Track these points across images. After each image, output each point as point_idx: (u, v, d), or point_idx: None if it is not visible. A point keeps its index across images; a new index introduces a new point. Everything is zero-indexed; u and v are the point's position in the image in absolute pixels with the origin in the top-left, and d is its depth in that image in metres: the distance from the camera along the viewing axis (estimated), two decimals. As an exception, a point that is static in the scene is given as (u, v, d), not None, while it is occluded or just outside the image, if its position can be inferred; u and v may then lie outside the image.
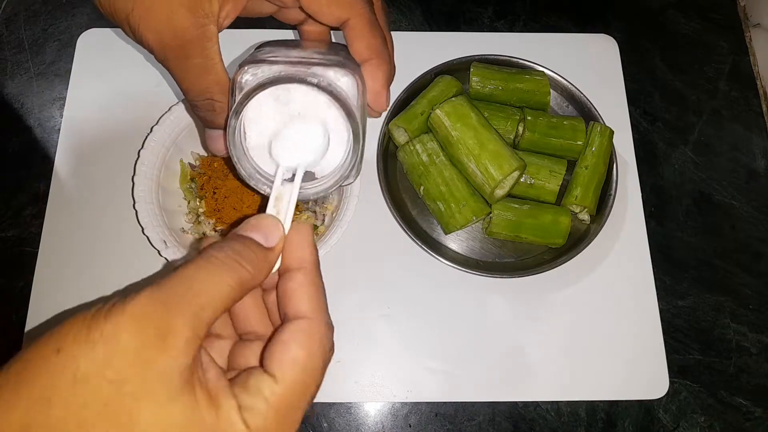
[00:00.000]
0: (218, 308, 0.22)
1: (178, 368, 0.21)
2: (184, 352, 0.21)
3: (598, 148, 0.55)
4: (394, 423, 0.50)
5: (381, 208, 0.55)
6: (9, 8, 0.64)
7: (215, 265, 0.23)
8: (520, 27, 0.66)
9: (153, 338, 0.20)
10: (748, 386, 0.53)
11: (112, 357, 0.20)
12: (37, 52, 0.62)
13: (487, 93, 0.57)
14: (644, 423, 0.51)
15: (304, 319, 0.25)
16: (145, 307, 0.21)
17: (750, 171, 0.61)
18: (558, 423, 0.51)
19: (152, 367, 0.20)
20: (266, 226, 0.26)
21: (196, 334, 0.21)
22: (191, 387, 0.21)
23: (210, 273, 0.23)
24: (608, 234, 0.56)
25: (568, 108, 0.60)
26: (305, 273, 0.26)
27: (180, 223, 0.52)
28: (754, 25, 0.67)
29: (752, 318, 0.55)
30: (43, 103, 0.60)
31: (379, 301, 0.53)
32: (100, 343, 0.20)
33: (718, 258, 0.57)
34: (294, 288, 0.25)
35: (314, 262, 0.26)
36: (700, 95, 0.64)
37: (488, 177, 0.51)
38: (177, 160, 0.53)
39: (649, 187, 0.59)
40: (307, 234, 0.27)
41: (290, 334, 0.24)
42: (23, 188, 0.56)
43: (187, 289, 0.22)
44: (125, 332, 0.20)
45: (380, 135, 0.56)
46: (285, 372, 0.23)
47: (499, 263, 0.55)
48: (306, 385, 0.23)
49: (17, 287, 0.53)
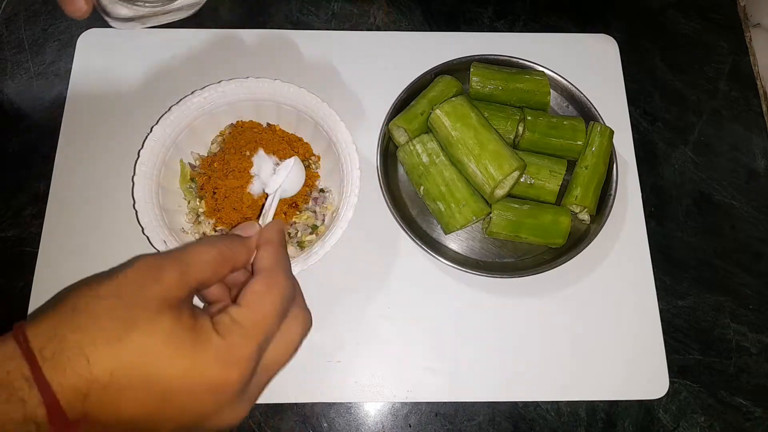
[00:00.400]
0: (203, 268, 0.31)
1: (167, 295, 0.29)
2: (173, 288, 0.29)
3: (598, 148, 0.55)
4: (394, 423, 0.50)
5: (381, 208, 0.55)
6: (9, 8, 0.64)
7: (202, 243, 0.33)
8: (520, 27, 0.66)
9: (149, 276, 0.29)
10: (748, 386, 0.53)
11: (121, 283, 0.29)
12: (37, 52, 0.62)
13: (487, 93, 0.57)
14: (644, 423, 0.51)
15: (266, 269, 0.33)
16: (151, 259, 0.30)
17: (750, 171, 0.61)
18: (558, 423, 0.51)
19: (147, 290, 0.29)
20: (245, 225, 0.37)
21: (184, 280, 0.30)
22: (178, 309, 0.29)
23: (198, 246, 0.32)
24: (608, 234, 0.56)
25: (568, 108, 0.60)
26: (271, 245, 0.35)
27: (180, 223, 0.52)
28: (754, 25, 0.67)
29: (752, 318, 0.55)
30: (43, 103, 0.60)
31: (379, 301, 0.53)
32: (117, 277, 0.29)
33: (718, 258, 0.57)
34: (261, 253, 0.35)
35: (280, 241, 0.36)
36: (700, 95, 0.64)
37: (488, 177, 0.51)
38: (177, 160, 0.53)
39: (649, 187, 0.59)
40: (277, 224, 0.37)
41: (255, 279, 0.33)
42: (23, 188, 0.56)
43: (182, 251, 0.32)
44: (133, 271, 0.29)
45: (380, 135, 0.56)
46: (248, 300, 0.31)
47: (499, 263, 0.55)
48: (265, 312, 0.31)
49: (17, 287, 0.53)
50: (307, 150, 0.55)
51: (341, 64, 0.62)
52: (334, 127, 0.52)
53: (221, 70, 0.59)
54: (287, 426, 0.50)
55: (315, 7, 0.65)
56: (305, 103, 0.53)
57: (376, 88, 0.60)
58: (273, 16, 0.65)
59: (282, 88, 0.53)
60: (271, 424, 0.50)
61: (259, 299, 0.31)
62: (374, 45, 0.63)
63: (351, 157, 0.51)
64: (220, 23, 0.64)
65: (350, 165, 0.51)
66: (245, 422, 0.50)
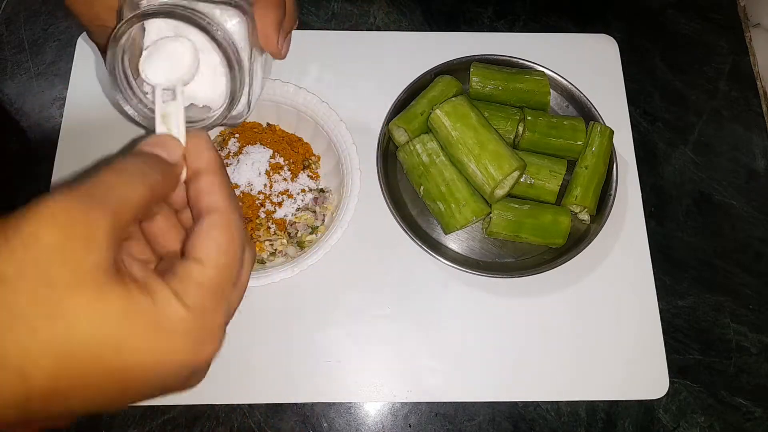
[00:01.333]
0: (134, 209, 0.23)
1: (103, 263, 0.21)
2: (106, 248, 0.21)
3: (598, 148, 0.55)
4: (394, 423, 0.50)
5: (381, 208, 0.55)
6: (9, 8, 0.64)
7: (128, 172, 0.24)
8: (520, 27, 0.66)
9: (75, 236, 0.20)
10: (748, 386, 0.53)
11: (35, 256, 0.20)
12: (37, 52, 0.62)
13: (487, 93, 0.57)
14: (644, 423, 0.51)
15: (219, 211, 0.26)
16: (64, 205, 0.21)
17: (750, 171, 0.61)
18: (558, 423, 0.51)
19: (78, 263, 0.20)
20: (164, 142, 0.27)
21: (116, 232, 0.22)
22: (121, 279, 0.22)
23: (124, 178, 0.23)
24: (608, 234, 0.56)
25: (568, 108, 0.60)
26: (211, 172, 0.27)
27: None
28: (754, 25, 0.67)
29: (752, 318, 0.55)
30: (43, 103, 0.60)
31: (379, 301, 0.53)
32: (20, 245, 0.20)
33: (718, 258, 0.57)
34: (202, 187, 0.26)
35: (217, 162, 0.27)
36: (700, 95, 0.64)
37: (488, 177, 0.51)
38: (177, 160, 0.53)
39: (649, 187, 0.59)
40: (204, 139, 0.28)
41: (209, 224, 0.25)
42: (23, 188, 0.56)
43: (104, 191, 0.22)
44: (46, 231, 0.20)
45: (380, 135, 0.56)
46: (210, 256, 0.24)
47: (499, 263, 0.55)
48: (230, 267, 0.25)
49: (17, 287, 0.53)
50: (307, 150, 0.55)
51: (341, 64, 0.62)
52: (334, 127, 0.52)
53: (221, 70, 0.59)
54: (287, 426, 0.50)
55: (315, 7, 0.65)
56: (305, 103, 0.53)
57: (376, 88, 0.60)
58: (273, 16, 0.65)
59: (282, 88, 0.53)
60: (271, 424, 0.50)
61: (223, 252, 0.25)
62: (374, 45, 0.63)
63: (351, 157, 0.51)
64: (220, 23, 0.64)
65: (350, 165, 0.51)
66: (245, 422, 0.50)
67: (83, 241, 0.20)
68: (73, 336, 0.20)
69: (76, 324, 0.20)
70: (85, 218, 0.21)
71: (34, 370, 0.20)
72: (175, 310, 0.22)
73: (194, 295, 0.23)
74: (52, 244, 0.20)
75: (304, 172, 0.54)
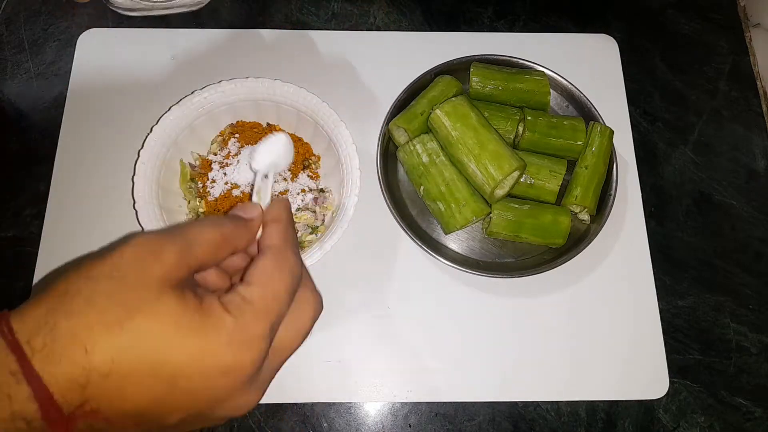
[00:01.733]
0: (203, 247, 0.29)
1: (168, 275, 0.26)
2: (174, 267, 0.27)
3: (598, 148, 0.55)
4: (394, 423, 0.50)
5: (381, 208, 0.55)
6: (9, 8, 0.64)
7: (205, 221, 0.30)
8: (520, 27, 0.66)
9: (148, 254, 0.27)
10: (748, 386, 0.53)
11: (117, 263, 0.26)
12: (37, 52, 0.62)
13: (487, 93, 0.57)
14: (644, 423, 0.51)
15: (274, 247, 0.31)
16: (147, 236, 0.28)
17: (750, 171, 0.61)
18: (558, 423, 0.51)
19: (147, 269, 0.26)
20: (243, 205, 0.34)
21: (184, 259, 0.27)
22: (181, 290, 0.27)
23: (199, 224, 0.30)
24: (608, 234, 0.56)
25: (568, 108, 0.60)
26: (277, 221, 0.33)
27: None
28: (754, 25, 0.67)
29: (752, 318, 0.55)
30: (43, 103, 0.60)
31: (379, 301, 0.53)
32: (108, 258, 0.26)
33: (718, 258, 0.57)
34: (267, 231, 0.32)
35: (283, 216, 0.33)
36: (700, 95, 0.64)
37: (488, 177, 0.51)
38: (177, 160, 0.53)
39: (649, 187, 0.59)
40: (281, 202, 0.34)
41: (262, 256, 0.31)
42: (23, 188, 0.56)
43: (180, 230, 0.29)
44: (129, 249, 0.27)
45: (380, 135, 0.56)
46: (256, 277, 0.29)
47: (499, 263, 0.55)
48: (276, 290, 0.29)
49: (17, 287, 0.53)
50: (307, 150, 0.55)
51: (341, 64, 0.62)
52: (334, 127, 0.52)
53: (221, 70, 0.59)
54: (287, 426, 0.50)
55: (315, 7, 0.65)
56: (305, 103, 0.53)
57: (376, 88, 0.60)
58: (273, 16, 0.65)
59: (282, 88, 0.53)
60: (271, 424, 0.50)
61: (270, 277, 0.29)
62: (374, 45, 0.63)
63: (351, 157, 0.51)
64: (220, 23, 0.64)
65: (350, 165, 0.51)
66: (245, 422, 0.50)
67: (153, 255, 0.27)
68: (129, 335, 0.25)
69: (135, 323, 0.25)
70: (159, 242, 0.27)
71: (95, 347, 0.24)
72: (219, 316, 0.27)
73: (238, 307, 0.27)
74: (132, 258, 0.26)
75: (304, 172, 0.54)
